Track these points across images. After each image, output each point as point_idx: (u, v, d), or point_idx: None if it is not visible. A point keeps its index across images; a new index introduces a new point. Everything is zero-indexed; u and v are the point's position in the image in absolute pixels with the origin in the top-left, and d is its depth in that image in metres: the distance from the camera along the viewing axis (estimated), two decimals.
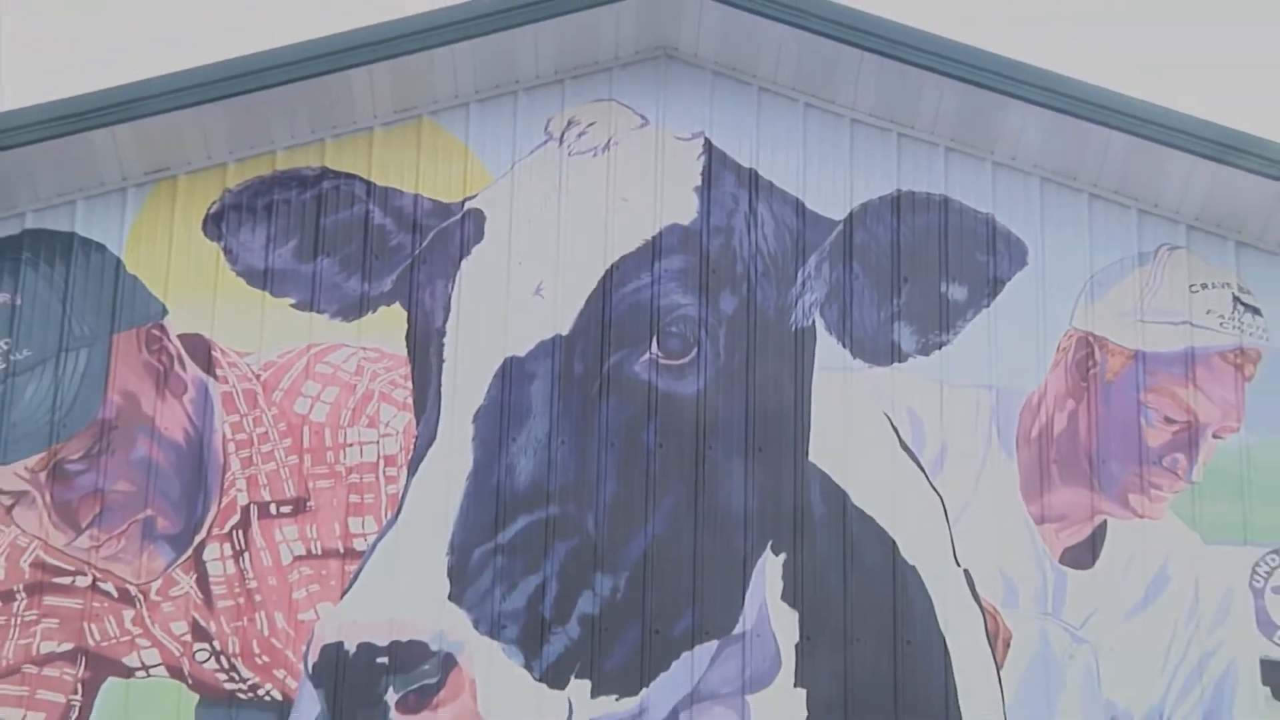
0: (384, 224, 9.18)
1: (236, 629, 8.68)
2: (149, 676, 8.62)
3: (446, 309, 9.04)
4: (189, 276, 9.11)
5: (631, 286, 9.07)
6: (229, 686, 8.61)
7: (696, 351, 9.00)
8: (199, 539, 8.78)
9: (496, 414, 8.87)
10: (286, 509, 8.83)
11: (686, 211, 9.20)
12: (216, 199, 9.22)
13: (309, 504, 8.83)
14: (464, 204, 9.22)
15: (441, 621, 8.53)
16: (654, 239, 9.15)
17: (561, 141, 9.31)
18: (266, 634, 8.66)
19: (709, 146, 9.32)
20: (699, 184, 9.25)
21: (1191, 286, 9.23)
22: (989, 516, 8.91)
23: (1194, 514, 8.92)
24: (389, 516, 8.78)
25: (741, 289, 9.11)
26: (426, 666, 8.48)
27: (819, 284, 9.13)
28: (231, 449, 8.89)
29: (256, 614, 8.69)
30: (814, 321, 9.09)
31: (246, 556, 8.76)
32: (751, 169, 9.29)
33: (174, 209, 9.22)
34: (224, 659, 8.64)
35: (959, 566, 8.83)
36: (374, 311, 9.06)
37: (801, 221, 9.21)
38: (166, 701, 8.59)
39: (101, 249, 9.14)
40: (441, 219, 9.18)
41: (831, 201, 9.26)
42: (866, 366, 9.05)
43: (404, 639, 8.50)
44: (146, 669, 8.63)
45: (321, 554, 8.76)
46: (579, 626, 8.64)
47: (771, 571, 8.78)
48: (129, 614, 8.67)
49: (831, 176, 9.30)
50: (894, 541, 8.84)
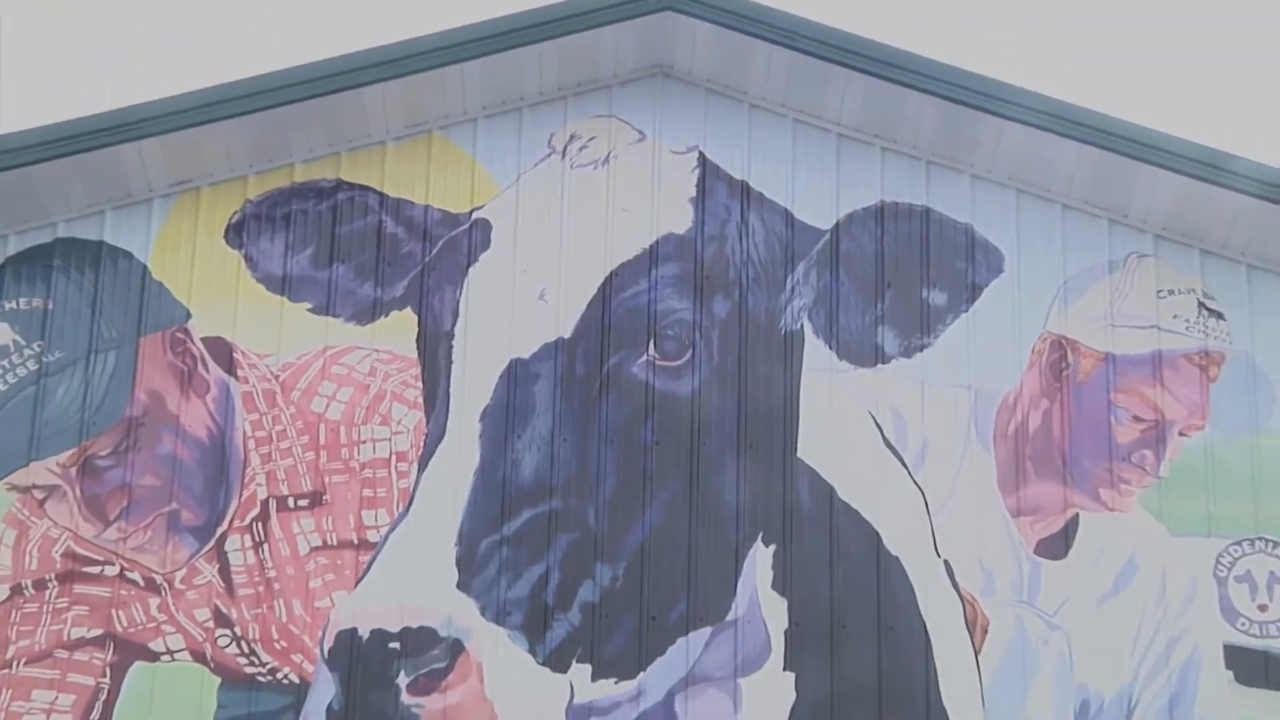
0: (396, 233, 9.26)
1: (256, 616, 8.78)
2: (174, 661, 8.73)
3: (455, 313, 9.11)
4: (211, 282, 9.19)
5: (630, 292, 9.14)
6: (249, 670, 8.72)
7: (691, 354, 9.07)
8: (221, 531, 8.86)
9: (502, 413, 8.95)
10: (304, 502, 8.90)
11: (682, 221, 9.28)
12: (238, 209, 9.31)
13: (325, 497, 8.90)
14: (471, 214, 9.30)
15: (450, 609, 8.59)
16: (651, 247, 9.23)
17: (564, 155, 9.39)
18: (285, 620, 8.76)
19: (703, 160, 9.40)
20: (694, 195, 9.33)
21: (1159, 292, 9.30)
22: (968, 510, 9.00)
23: (1161, 507, 9.02)
24: (400, 509, 8.86)
25: (734, 294, 9.18)
26: (436, 651, 8.54)
27: (807, 290, 9.19)
28: (252, 446, 8.97)
29: (275, 602, 8.78)
30: (802, 325, 9.16)
31: (266, 547, 8.84)
32: (743, 181, 9.37)
33: (197, 219, 9.30)
34: (244, 644, 8.74)
35: (939, 557, 8.92)
36: (386, 316, 9.14)
37: (790, 231, 9.28)
38: (190, 684, 8.69)
39: (129, 256, 9.22)
40: (450, 228, 9.27)
41: (819, 212, 9.34)
42: (852, 368, 9.11)
43: (415, 625, 8.54)
44: (171, 654, 8.74)
45: (337, 545, 8.84)
46: (580, 613, 8.73)
47: (762, 562, 8.86)
48: (155, 601, 8.77)
49: (819, 188, 9.37)
50: (878, 533, 8.93)
